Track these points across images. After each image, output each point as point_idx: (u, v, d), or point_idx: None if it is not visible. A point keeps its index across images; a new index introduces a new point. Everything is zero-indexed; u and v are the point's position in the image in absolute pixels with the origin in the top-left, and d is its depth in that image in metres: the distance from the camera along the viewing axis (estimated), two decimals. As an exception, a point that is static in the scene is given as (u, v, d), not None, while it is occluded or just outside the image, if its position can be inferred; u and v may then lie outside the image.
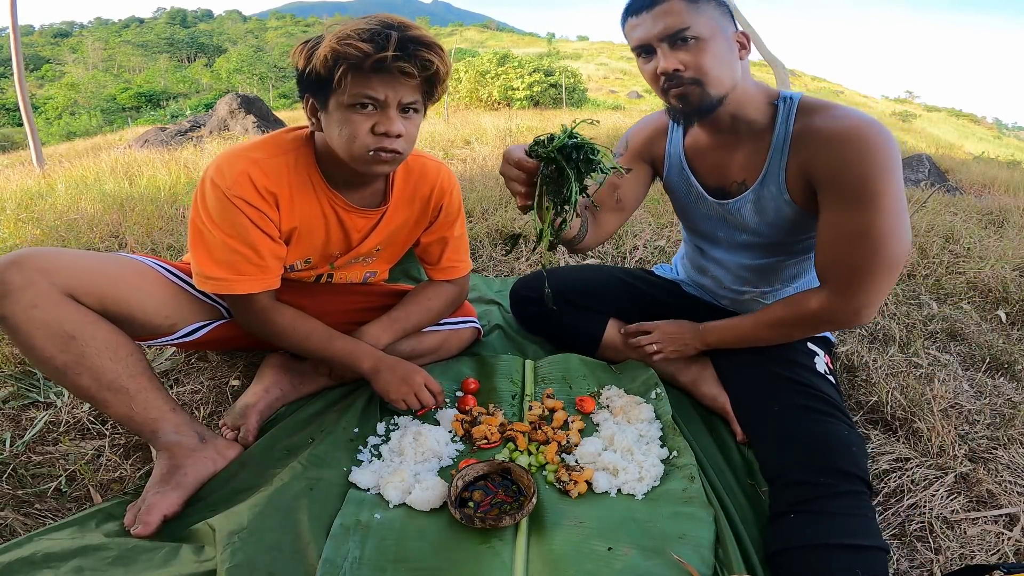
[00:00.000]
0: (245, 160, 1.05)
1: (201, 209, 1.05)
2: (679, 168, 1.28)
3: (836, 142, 1.02)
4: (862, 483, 0.93)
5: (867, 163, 0.99)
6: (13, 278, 0.91)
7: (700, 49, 1.03)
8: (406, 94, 1.00)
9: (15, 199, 3.10)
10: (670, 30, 1.02)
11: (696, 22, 1.02)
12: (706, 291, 1.40)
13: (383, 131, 1.00)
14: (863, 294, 1.04)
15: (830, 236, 1.05)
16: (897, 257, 1.01)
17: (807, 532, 0.87)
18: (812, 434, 1.00)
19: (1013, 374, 1.50)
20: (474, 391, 1.32)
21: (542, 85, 21.94)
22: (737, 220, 1.20)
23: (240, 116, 7.46)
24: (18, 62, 5.15)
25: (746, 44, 1.09)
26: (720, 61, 1.05)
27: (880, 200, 0.99)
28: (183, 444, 1.02)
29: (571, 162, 0.86)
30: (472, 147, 5.77)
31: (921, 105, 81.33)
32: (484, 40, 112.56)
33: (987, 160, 9.15)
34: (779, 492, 0.96)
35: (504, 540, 0.90)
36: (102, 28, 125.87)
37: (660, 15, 1.03)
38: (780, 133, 1.10)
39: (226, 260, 1.05)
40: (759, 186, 1.14)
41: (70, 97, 39.25)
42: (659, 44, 1.03)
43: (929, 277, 2.15)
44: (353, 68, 0.95)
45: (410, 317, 1.30)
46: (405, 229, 1.28)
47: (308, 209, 1.13)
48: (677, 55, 1.03)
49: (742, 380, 1.21)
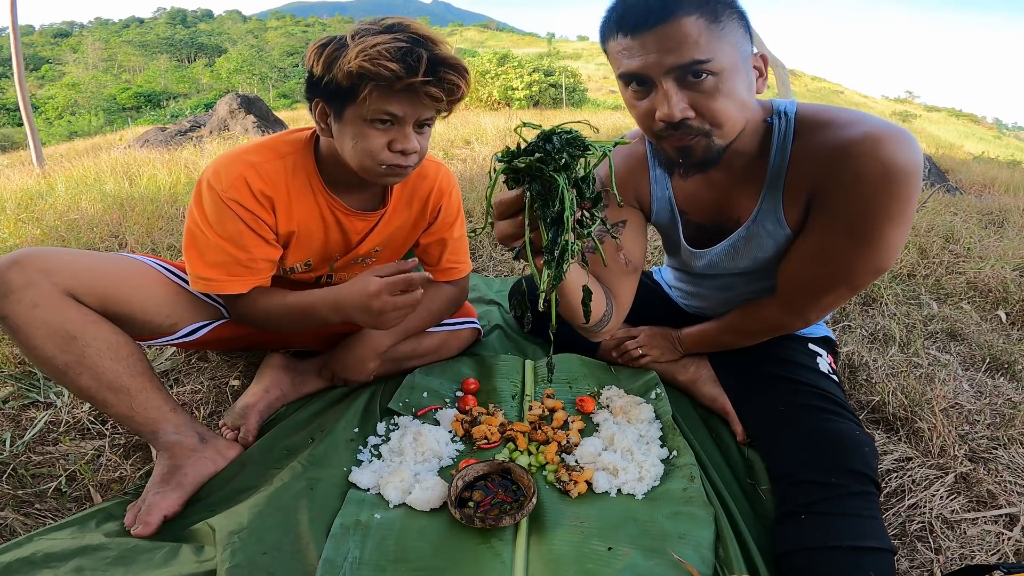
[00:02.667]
0: (242, 164, 1.05)
1: (197, 211, 1.05)
2: (668, 213, 1.13)
3: (842, 160, 0.85)
4: (872, 484, 0.90)
5: (877, 193, 0.84)
6: (14, 278, 0.91)
7: (717, 88, 0.80)
8: (424, 112, 1.00)
9: (15, 199, 3.10)
10: (682, 61, 0.78)
11: (718, 51, 0.79)
12: (698, 309, 1.37)
13: (400, 148, 1.00)
14: (818, 312, 1.05)
15: (805, 255, 0.96)
16: (867, 284, 0.93)
17: (818, 534, 0.85)
18: (822, 433, 0.97)
19: (1013, 374, 1.50)
20: (474, 391, 1.32)
21: (542, 85, 21.94)
22: (729, 262, 1.11)
23: (240, 116, 7.46)
24: (18, 62, 5.16)
25: (764, 70, 0.89)
26: (739, 103, 0.84)
27: (878, 241, 0.88)
28: (183, 444, 1.02)
29: (550, 161, 0.62)
30: (472, 147, 5.77)
31: (921, 105, 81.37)
32: (484, 40, 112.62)
33: (987, 160, 9.16)
34: (788, 491, 0.93)
35: (504, 540, 0.90)
36: (102, 28, 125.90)
37: (668, 38, 0.78)
38: (775, 161, 0.95)
39: (218, 261, 1.06)
40: (752, 223, 1.02)
41: (70, 97, 39.27)
42: (663, 78, 0.80)
43: (929, 277, 2.15)
44: (380, 86, 0.93)
45: (411, 319, 1.30)
46: (404, 230, 1.27)
47: (307, 213, 1.12)
48: (687, 95, 0.81)
49: (745, 381, 1.20)
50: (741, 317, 1.18)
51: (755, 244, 1.04)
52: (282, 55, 73.02)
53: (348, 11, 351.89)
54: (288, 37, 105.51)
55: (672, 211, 1.12)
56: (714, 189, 1.04)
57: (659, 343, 1.34)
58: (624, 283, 1.13)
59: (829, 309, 1.06)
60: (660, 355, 1.34)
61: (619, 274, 1.14)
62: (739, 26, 0.82)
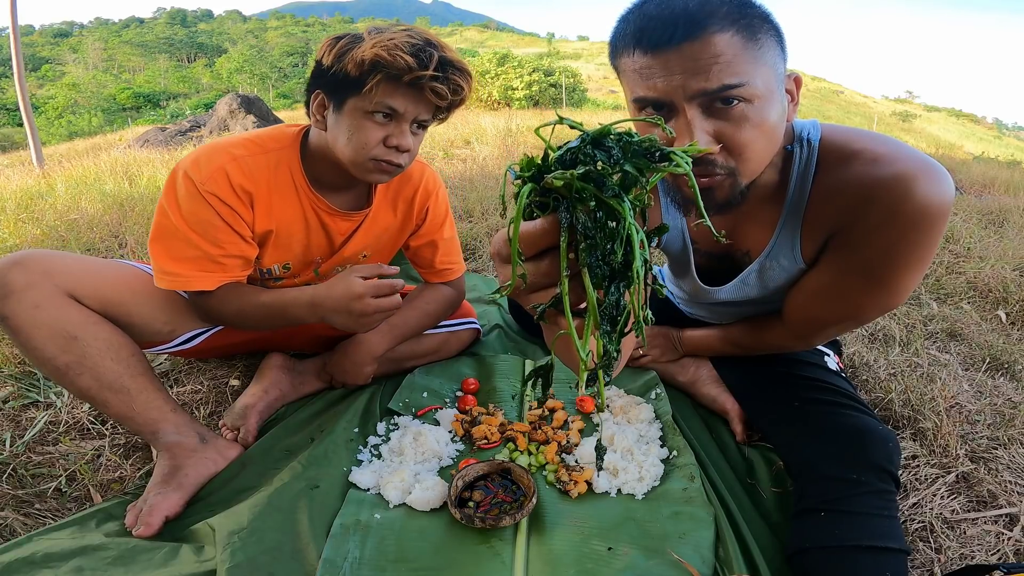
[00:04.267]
0: (224, 156, 1.03)
1: (168, 202, 1.01)
2: (681, 243, 1.08)
3: (869, 201, 0.78)
4: (893, 481, 0.88)
5: (903, 239, 0.79)
6: (16, 278, 0.91)
7: (749, 118, 0.69)
8: (424, 111, 1.01)
9: (15, 199, 3.10)
10: (711, 87, 0.66)
11: (753, 74, 0.68)
12: (700, 317, 1.36)
13: (394, 144, 1.00)
14: (821, 339, 1.05)
15: (816, 290, 0.93)
16: (875, 318, 0.91)
17: (838, 532, 0.82)
18: (844, 427, 0.93)
19: (1013, 374, 1.50)
20: (474, 391, 1.32)
21: (542, 85, 21.94)
22: (738, 293, 1.07)
23: (240, 116, 7.46)
24: (18, 62, 5.16)
25: (796, 94, 0.79)
26: (769, 135, 0.73)
27: (892, 284, 0.85)
28: (184, 444, 1.02)
29: (605, 178, 0.38)
30: (472, 147, 5.77)
31: (921, 105, 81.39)
32: (484, 40, 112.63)
33: (987, 160, 9.15)
34: (807, 487, 0.90)
35: (504, 540, 0.90)
36: (102, 28, 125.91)
37: (696, 58, 0.66)
38: (794, 193, 0.86)
39: (187, 256, 1.02)
40: (766, 258, 0.96)
41: (70, 97, 39.29)
42: (686, 103, 0.68)
43: (929, 277, 2.15)
44: (389, 78, 0.95)
45: (408, 322, 1.29)
46: (390, 233, 1.27)
47: (287, 211, 1.11)
48: (714, 126, 0.69)
49: (753, 379, 1.19)
50: (744, 334, 1.17)
51: (767, 277, 1.00)
52: (282, 55, 73.10)
53: (348, 11, 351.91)
54: (288, 37, 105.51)
55: (684, 242, 1.07)
56: (726, 219, 0.97)
57: (659, 343, 1.34)
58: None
59: (833, 336, 1.06)
60: (660, 355, 1.34)
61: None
62: (776, 44, 0.72)
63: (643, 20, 0.70)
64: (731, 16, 0.68)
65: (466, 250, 2.44)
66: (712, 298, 1.11)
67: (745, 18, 0.69)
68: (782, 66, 0.74)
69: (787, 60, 0.75)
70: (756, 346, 1.16)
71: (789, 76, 0.78)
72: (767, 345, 1.14)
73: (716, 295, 1.09)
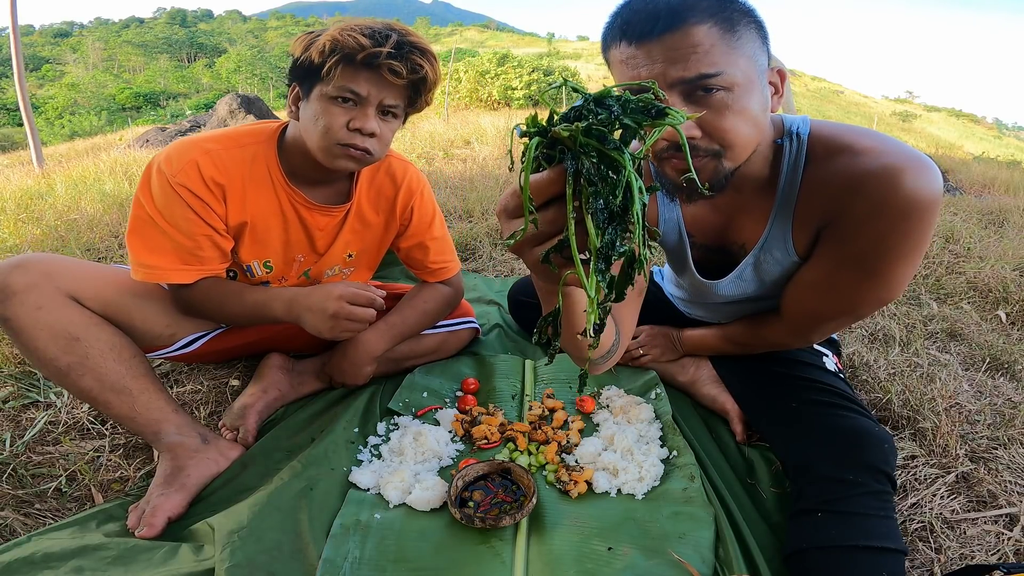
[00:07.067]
0: (197, 150, 1.03)
1: (143, 196, 1.03)
2: (677, 235, 1.09)
3: (857, 192, 0.80)
4: (889, 482, 0.89)
5: (893, 230, 0.80)
6: (18, 280, 0.91)
7: (728, 105, 0.73)
8: (389, 96, 1.01)
9: (15, 199, 3.10)
10: (689, 75, 0.71)
11: (731, 63, 0.72)
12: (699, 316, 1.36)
13: (357, 127, 1.00)
14: (820, 335, 1.05)
15: (811, 284, 0.94)
16: (872, 313, 0.92)
17: (835, 532, 0.83)
18: (840, 428, 0.95)
19: (1013, 374, 1.50)
20: (474, 391, 1.32)
21: (541, 85, 21.94)
22: (735, 289, 1.09)
23: (240, 116, 7.46)
24: (18, 62, 5.15)
25: (780, 86, 0.82)
26: (751, 122, 0.76)
27: (887, 276, 0.86)
28: (186, 445, 1.02)
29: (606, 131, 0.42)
30: (472, 147, 5.77)
31: (921, 105, 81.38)
32: (484, 40, 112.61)
33: (987, 160, 9.15)
34: (805, 488, 0.91)
35: (504, 540, 0.90)
36: (102, 28, 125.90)
37: (675, 48, 0.71)
38: (785, 186, 0.89)
39: (163, 249, 1.03)
40: (760, 251, 0.98)
41: (70, 97, 39.30)
42: (667, 91, 0.72)
43: (929, 277, 2.15)
44: (345, 60, 0.96)
45: (407, 322, 1.29)
46: (376, 233, 1.26)
47: (264, 205, 1.11)
48: (695, 111, 0.72)
49: (752, 379, 1.19)
50: (743, 332, 1.17)
51: (762, 270, 1.01)
52: (282, 55, 73.02)
53: (348, 11, 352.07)
54: (288, 37, 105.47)
55: (680, 234, 1.09)
56: (720, 212, 1.00)
57: (659, 343, 1.34)
58: (631, 307, 1.00)
59: (831, 332, 1.06)
60: (660, 355, 1.34)
61: (628, 297, 1.10)
62: (756, 37, 0.75)
63: (629, 13, 0.75)
64: (710, 10, 0.72)
65: (466, 250, 2.44)
66: (711, 293, 1.12)
67: (725, 11, 0.73)
68: (764, 58, 0.77)
69: (770, 53, 0.79)
70: (755, 343, 1.16)
71: (773, 69, 0.80)
72: (766, 342, 1.14)
73: (715, 289, 1.09)
